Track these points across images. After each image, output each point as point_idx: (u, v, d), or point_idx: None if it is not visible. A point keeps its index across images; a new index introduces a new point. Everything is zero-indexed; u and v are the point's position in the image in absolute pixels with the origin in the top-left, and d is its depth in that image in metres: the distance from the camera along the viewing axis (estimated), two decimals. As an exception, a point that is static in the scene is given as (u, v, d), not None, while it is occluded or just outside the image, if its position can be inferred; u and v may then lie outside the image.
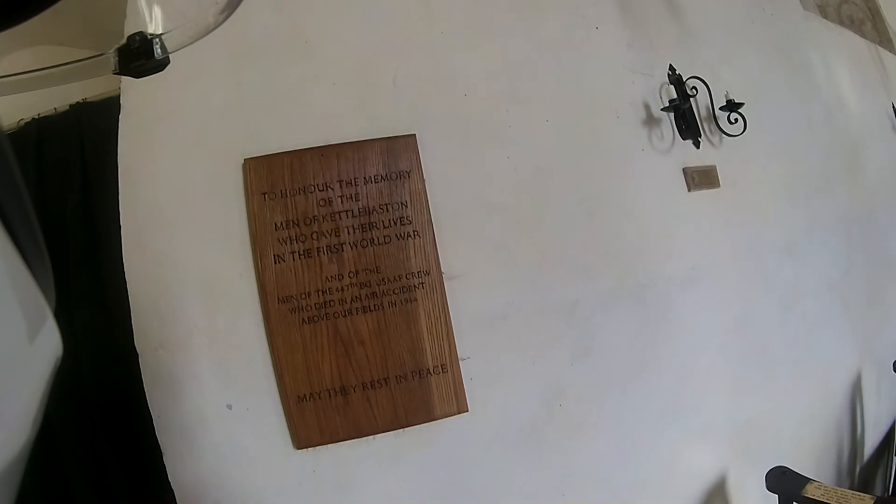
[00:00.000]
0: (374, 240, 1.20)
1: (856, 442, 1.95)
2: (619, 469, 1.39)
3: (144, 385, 1.17)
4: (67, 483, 1.48)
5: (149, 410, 1.17)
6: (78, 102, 1.69)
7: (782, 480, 1.38)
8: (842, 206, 2.01)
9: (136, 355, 1.18)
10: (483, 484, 1.26)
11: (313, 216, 1.19)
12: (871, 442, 2.02)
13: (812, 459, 1.74)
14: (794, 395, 1.71)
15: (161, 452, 1.17)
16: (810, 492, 1.31)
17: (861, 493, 1.26)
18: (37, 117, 1.73)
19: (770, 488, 1.38)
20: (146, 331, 1.19)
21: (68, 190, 1.65)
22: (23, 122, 1.73)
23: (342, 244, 1.19)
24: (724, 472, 1.53)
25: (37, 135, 1.74)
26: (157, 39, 0.60)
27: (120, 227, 1.21)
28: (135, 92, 1.25)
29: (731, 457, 1.55)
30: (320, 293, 1.17)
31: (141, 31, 0.60)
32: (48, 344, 0.30)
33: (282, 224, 1.18)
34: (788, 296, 1.74)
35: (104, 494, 1.47)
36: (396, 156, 1.24)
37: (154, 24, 0.62)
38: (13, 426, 0.26)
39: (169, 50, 0.61)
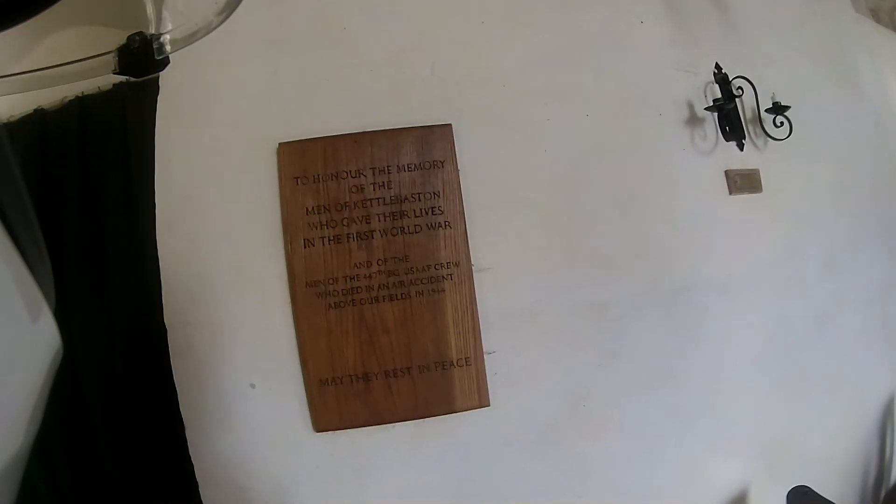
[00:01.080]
0: (404, 228, 1.19)
1: (883, 467, 1.87)
2: (638, 476, 1.36)
3: (171, 361, 1.20)
4: (98, 460, 1.52)
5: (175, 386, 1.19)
6: (122, 81, 1.71)
7: (803, 502, 1.33)
8: (889, 217, 1.92)
9: (166, 332, 1.20)
10: (500, 480, 1.25)
11: (344, 202, 1.19)
12: (898, 468, 1.93)
13: (837, 481, 1.68)
14: (824, 413, 1.65)
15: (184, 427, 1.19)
16: (831, 516, 1.26)
17: (882, 523, 1.20)
18: (80, 95, 1.77)
19: (790, 508, 1.34)
20: (176, 309, 1.21)
21: (109, 168, 1.68)
22: (66, 100, 1.77)
23: (372, 231, 1.19)
24: (746, 486, 1.48)
25: (80, 113, 1.77)
26: (157, 40, 0.61)
27: (155, 206, 1.23)
28: (173, 75, 1.26)
29: (754, 471, 1.50)
30: (348, 279, 1.17)
31: (141, 32, 0.61)
32: (45, 343, 0.30)
33: (313, 209, 1.18)
34: (826, 309, 1.67)
35: (133, 473, 1.51)
36: (431, 145, 1.23)
37: (158, 24, 0.63)
38: (8, 425, 0.26)
39: (169, 50, 0.62)
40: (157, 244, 1.23)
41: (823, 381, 1.64)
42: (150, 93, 1.35)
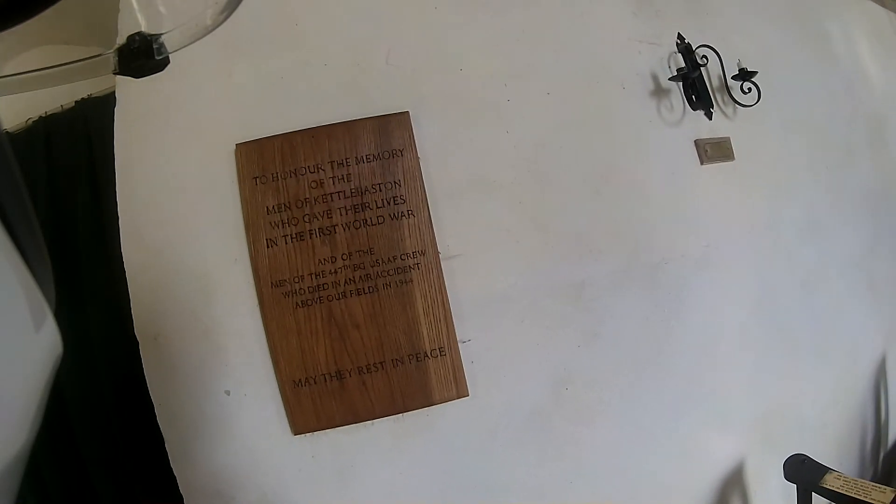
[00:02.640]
0: (367, 220, 1.17)
1: (880, 429, 1.85)
2: (631, 457, 1.33)
3: (145, 373, 1.17)
4: (85, 471, 1.51)
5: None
6: (83, 98, 1.71)
7: (801, 469, 1.31)
8: (866, 180, 1.90)
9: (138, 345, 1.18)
10: (487, 471, 1.22)
11: (305, 198, 1.16)
12: (895, 429, 1.91)
13: (834, 447, 1.66)
14: (816, 380, 1.63)
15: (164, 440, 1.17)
16: (829, 482, 1.24)
17: (882, 486, 1.18)
18: (44, 115, 1.75)
19: (788, 477, 1.31)
20: (145, 320, 1.19)
21: (77, 184, 1.67)
22: (31, 121, 1.76)
23: (334, 226, 1.16)
24: (742, 459, 1.46)
25: (45, 132, 1.76)
26: (157, 39, 0.60)
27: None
28: (129, 86, 1.25)
29: (750, 444, 1.48)
30: (313, 276, 1.14)
31: (141, 31, 0.61)
32: (47, 343, 0.29)
33: (273, 208, 1.16)
34: (810, 275, 1.65)
35: (119, 482, 1.50)
36: (389, 134, 1.20)
37: (153, 24, 0.62)
38: (11, 424, 0.25)
39: (168, 50, 0.62)
40: (123, 256, 1.21)
41: (813, 348, 1.63)
42: (111, 107, 1.33)
